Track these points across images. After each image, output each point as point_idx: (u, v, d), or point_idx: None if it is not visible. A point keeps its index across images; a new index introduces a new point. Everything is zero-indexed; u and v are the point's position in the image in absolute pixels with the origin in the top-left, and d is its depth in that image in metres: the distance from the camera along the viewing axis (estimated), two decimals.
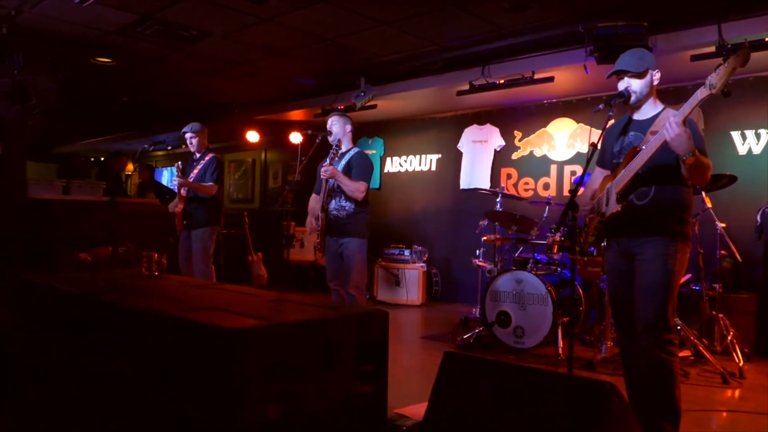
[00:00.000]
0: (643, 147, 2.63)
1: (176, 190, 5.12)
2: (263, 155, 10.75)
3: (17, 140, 6.02)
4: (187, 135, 5.27)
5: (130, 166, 10.55)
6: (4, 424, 2.87)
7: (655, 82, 2.77)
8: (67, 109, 8.05)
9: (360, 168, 4.19)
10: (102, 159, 14.25)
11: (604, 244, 2.98)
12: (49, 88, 5.43)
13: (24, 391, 3.00)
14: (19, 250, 5.80)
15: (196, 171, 5.16)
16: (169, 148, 11.05)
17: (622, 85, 2.78)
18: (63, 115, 8.99)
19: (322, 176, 4.19)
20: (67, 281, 2.94)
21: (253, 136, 8.98)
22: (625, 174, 2.70)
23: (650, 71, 2.74)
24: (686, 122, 2.45)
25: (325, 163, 4.15)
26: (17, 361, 3.07)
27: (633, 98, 2.76)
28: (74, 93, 7.50)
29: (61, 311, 2.79)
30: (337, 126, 4.28)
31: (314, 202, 4.35)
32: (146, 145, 6.82)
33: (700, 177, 2.59)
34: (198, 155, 5.29)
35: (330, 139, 4.28)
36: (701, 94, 2.39)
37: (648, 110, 2.79)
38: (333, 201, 4.20)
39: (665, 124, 2.47)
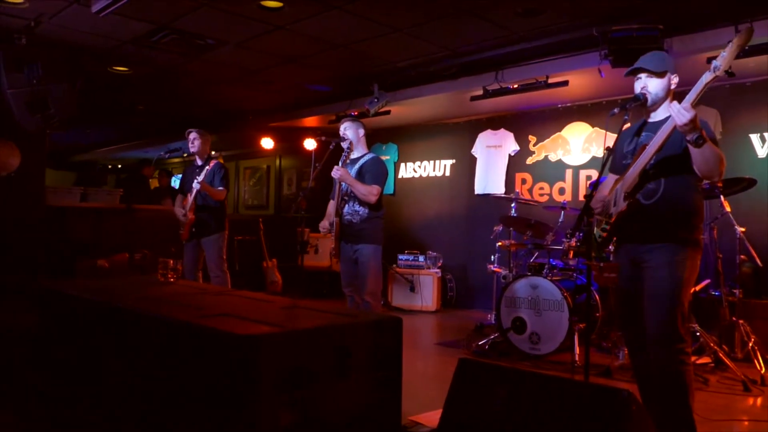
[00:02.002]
0: (651, 142, 2.60)
1: (194, 193, 5.11)
2: (278, 162, 10.80)
3: (37, 149, 6.11)
4: (191, 136, 5.32)
5: None
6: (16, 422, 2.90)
7: (673, 86, 2.74)
8: (85, 117, 8.17)
9: (373, 172, 4.19)
10: (119, 166, 14.42)
11: (612, 248, 2.95)
12: (67, 98, 5.51)
13: (41, 391, 3.03)
14: (39, 257, 5.88)
15: (202, 177, 5.17)
16: (185, 155, 11.13)
17: (638, 85, 2.75)
18: (81, 123, 9.13)
19: (333, 176, 4.19)
20: (84, 288, 2.97)
21: (267, 143, 9.03)
22: (633, 170, 2.67)
23: (668, 74, 2.72)
24: (695, 107, 2.42)
25: (336, 167, 4.15)
26: (36, 364, 3.11)
27: (649, 99, 2.72)
28: (91, 102, 7.59)
29: (79, 317, 2.82)
30: (350, 131, 4.28)
31: (332, 207, 4.36)
32: (162, 153, 6.89)
33: (713, 167, 2.48)
34: (200, 162, 5.32)
35: (344, 144, 4.29)
36: (706, 78, 2.40)
37: (663, 113, 2.75)
38: (347, 206, 4.20)
39: (672, 109, 2.43)
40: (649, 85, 2.72)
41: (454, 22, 4.98)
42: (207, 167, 5.18)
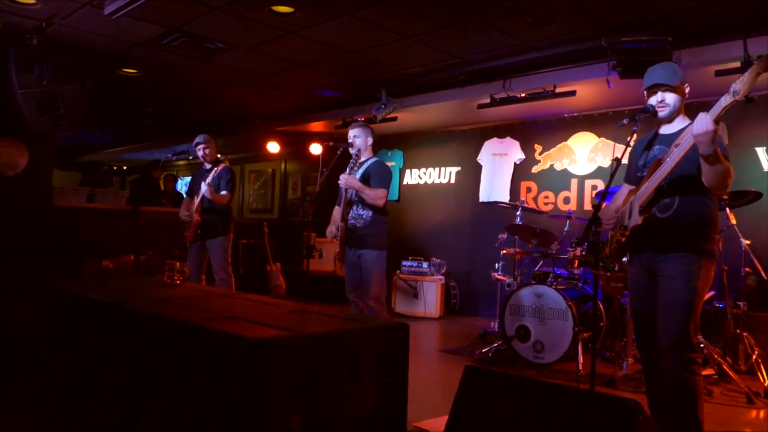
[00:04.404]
0: (668, 159, 2.62)
1: (201, 195, 5.13)
2: (283, 166, 10.83)
3: (45, 149, 6.14)
4: (201, 145, 5.35)
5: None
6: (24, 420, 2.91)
7: (686, 96, 2.77)
8: (93, 118, 8.21)
9: (379, 176, 4.22)
10: (125, 168, 14.48)
11: (626, 259, 2.96)
12: (77, 99, 5.54)
13: (49, 392, 3.04)
14: (46, 257, 5.90)
15: (211, 180, 5.17)
16: (191, 158, 11.20)
17: (656, 99, 2.75)
18: (88, 124, 9.17)
19: (340, 184, 4.21)
20: (93, 289, 2.99)
21: (273, 147, 9.05)
22: (648, 186, 2.69)
23: (683, 85, 2.75)
24: (717, 124, 2.43)
25: (343, 174, 4.17)
26: (44, 364, 3.12)
27: (666, 111, 2.74)
28: (99, 103, 7.63)
29: (88, 317, 2.83)
30: (359, 139, 4.31)
31: (337, 212, 4.39)
32: (169, 155, 6.92)
33: (721, 182, 2.53)
34: (209, 165, 5.34)
35: (351, 150, 4.31)
36: (726, 100, 2.39)
37: (676, 125, 2.78)
38: (351, 210, 4.23)
39: (697, 118, 2.44)
40: (667, 98, 2.73)
41: (465, 30, 5.01)
42: (215, 170, 5.20)
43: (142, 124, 9.66)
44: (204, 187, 5.06)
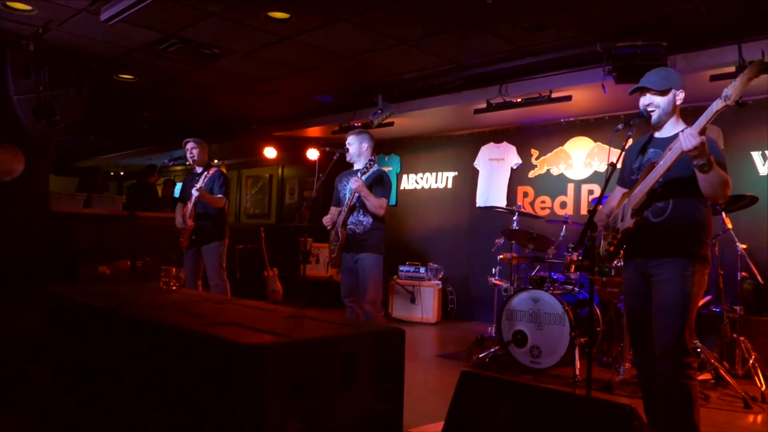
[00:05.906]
0: (660, 162, 2.63)
1: (194, 200, 5.12)
2: (280, 171, 10.83)
3: (41, 154, 6.14)
4: (189, 145, 5.35)
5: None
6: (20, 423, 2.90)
7: (678, 102, 2.77)
8: (89, 124, 8.19)
9: (381, 185, 4.25)
10: (122, 173, 14.46)
11: (621, 263, 2.97)
12: (73, 104, 5.54)
13: (42, 395, 3.03)
14: (42, 262, 5.89)
15: (203, 184, 5.14)
16: (188, 163, 11.20)
17: (643, 102, 2.77)
18: (85, 130, 9.15)
19: (351, 187, 4.19)
20: (88, 294, 2.98)
21: (270, 152, 9.06)
22: (641, 189, 2.69)
23: (673, 91, 2.74)
24: (703, 133, 2.44)
25: (355, 178, 4.17)
26: (39, 367, 3.11)
27: (654, 117, 2.76)
28: (96, 109, 7.62)
29: (83, 322, 2.83)
30: (353, 146, 4.33)
31: (334, 210, 4.39)
32: (166, 160, 6.91)
33: (718, 191, 2.54)
34: (200, 169, 5.34)
35: (348, 156, 4.32)
36: (717, 105, 2.41)
37: (669, 129, 2.78)
38: (351, 216, 4.23)
39: (681, 135, 2.46)
40: (655, 101, 2.74)
41: (460, 35, 5.02)
42: (206, 174, 5.19)
43: (138, 129, 9.64)
44: (195, 192, 5.06)
